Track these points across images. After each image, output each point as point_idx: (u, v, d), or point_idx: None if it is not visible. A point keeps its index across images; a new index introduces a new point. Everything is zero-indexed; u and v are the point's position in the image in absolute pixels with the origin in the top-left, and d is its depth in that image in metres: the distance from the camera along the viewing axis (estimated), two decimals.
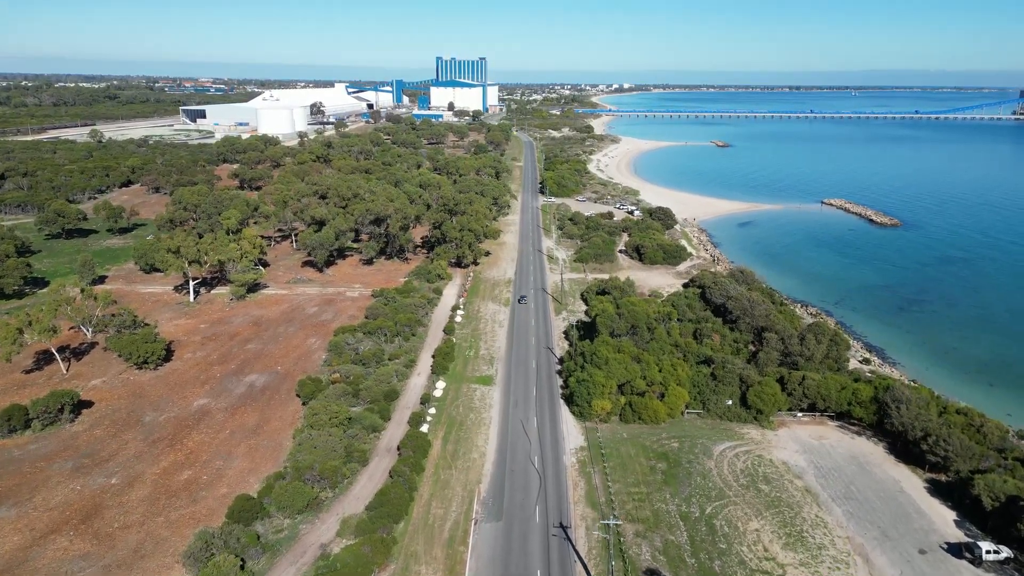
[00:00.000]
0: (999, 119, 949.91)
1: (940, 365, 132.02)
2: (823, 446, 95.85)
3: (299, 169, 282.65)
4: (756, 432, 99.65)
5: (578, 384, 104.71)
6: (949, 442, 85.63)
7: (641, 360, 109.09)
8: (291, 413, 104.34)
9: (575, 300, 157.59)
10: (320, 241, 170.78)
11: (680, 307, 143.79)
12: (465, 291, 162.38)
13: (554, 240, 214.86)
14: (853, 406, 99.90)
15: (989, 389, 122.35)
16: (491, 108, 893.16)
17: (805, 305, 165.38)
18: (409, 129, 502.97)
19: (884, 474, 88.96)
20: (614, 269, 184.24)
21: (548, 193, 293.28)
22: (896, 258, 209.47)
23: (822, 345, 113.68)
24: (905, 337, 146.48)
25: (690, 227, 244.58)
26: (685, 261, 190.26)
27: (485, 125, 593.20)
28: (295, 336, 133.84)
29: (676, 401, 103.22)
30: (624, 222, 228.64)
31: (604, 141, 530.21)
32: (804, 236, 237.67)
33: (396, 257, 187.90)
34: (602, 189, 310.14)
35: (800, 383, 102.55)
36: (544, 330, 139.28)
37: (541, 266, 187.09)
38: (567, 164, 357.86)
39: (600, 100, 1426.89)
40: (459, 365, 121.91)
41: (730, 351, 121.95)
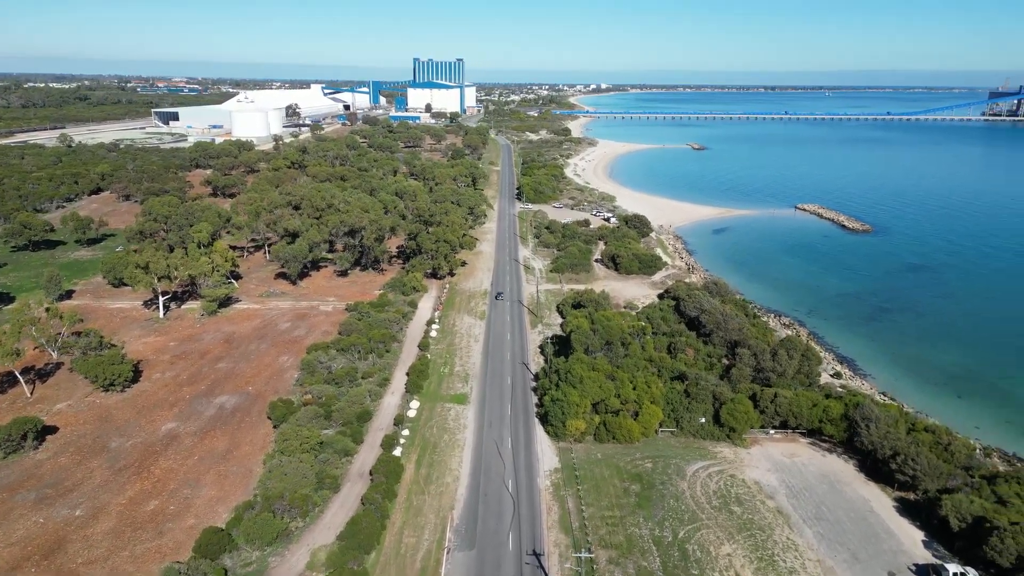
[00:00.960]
0: (969, 120, 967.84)
1: (909, 376, 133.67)
2: (795, 464, 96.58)
3: (273, 176, 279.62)
4: (729, 450, 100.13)
5: (552, 403, 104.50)
6: (917, 461, 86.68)
7: (615, 378, 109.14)
8: (262, 437, 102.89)
9: (551, 312, 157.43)
10: (293, 254, 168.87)
11: (655, 320, 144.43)
12: (440, 304, 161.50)
13: (531, 249, 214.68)
14: (824, 423, 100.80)
15: (957, 401, 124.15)
16: (469, 109, 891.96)
17: (779, 315, 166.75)
18: (386, 132, 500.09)
19: (854, 493, 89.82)
20: (590, 279, 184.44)
21: (525, 199, 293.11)
22: (867, 265, 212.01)
23: (794, 360, 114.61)
24: (875, 347, 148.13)
25: (665, 234, 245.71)
26: (660, 271, 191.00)
27: (462, 127, 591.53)
28: (267, 354, 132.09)
29: (650, 420, 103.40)
30: (600, 230, 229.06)
31: (581, 144, 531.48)
32: (778, 243, 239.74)
33: (371, 268, 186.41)
34: (579, 195, 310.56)
35: (772, 400, 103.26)
36: (520, 344, 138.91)
37: (518, 276, 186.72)
38: (544, 169, 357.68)
39: (577, 101, 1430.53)
40: (434, 383, 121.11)
41: (703, 366, 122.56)
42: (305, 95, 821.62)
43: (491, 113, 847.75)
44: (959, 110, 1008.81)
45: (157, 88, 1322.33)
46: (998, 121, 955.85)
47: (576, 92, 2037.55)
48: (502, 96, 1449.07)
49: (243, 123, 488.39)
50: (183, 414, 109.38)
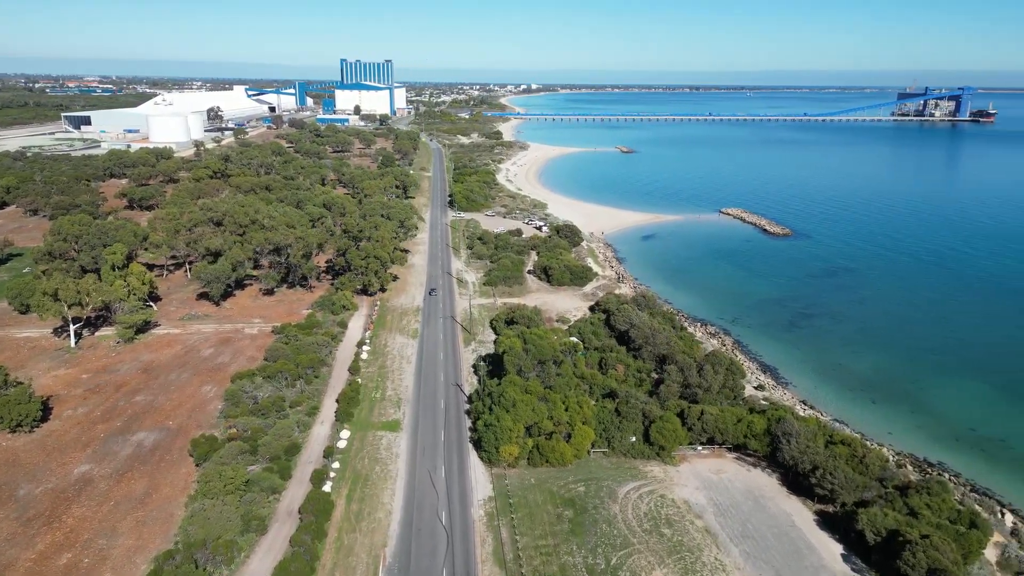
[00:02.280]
0: (879, 120, 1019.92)
1: (828, 384, 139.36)
2: (722, 481, 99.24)
3: (194, 187, 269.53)
4: (659, 469, 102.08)
5: (486, 428, 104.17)
6: (835, 475, 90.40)
7: (548, 399, 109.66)
8: (183, 477, 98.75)
9: (484, 328, 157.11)
10: (216, 274, 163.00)
11: (586, 335, 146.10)
12: (371, 323, 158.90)
13: (463, 261, 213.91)
14: (749, 439, 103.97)
15: (872, 407, 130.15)
16: (399, 111, 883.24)
17: (705, 324, 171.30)
18: (313, 137, 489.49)
19: (777, 508, 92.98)
20: (523, 292, 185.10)
21: (457, 208, 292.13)
22: (788, 270, 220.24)
23: (719, 375, 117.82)
24: (796, 354, 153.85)
25: (596, 242, 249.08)
26: (591, 282, 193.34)
27: (393, 131, 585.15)
28: (189, 384, 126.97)
29: (582, 441, 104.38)
30: (532, 240, 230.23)
31: (513, 148, 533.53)
32: (704, 249, 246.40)
33: (299, 285, 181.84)
34: (511, 202, 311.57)
35: (699, 417, 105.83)
36: (453, 364, 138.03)
37: (451, 290, 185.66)
38: (476, 175, 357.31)
39: (508, 101, 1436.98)
40: (365, 410, 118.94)
41: (633, 382, 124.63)
42: (228, 97, 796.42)
43: (422, 115, 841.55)
44: (870, 111, 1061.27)
45: (68, 89, 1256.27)
46: (906, 121, 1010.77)
47: (507, 92, 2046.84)
48: (433, 96, 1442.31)
49: (161, 128, 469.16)
50: (97, 454, 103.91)
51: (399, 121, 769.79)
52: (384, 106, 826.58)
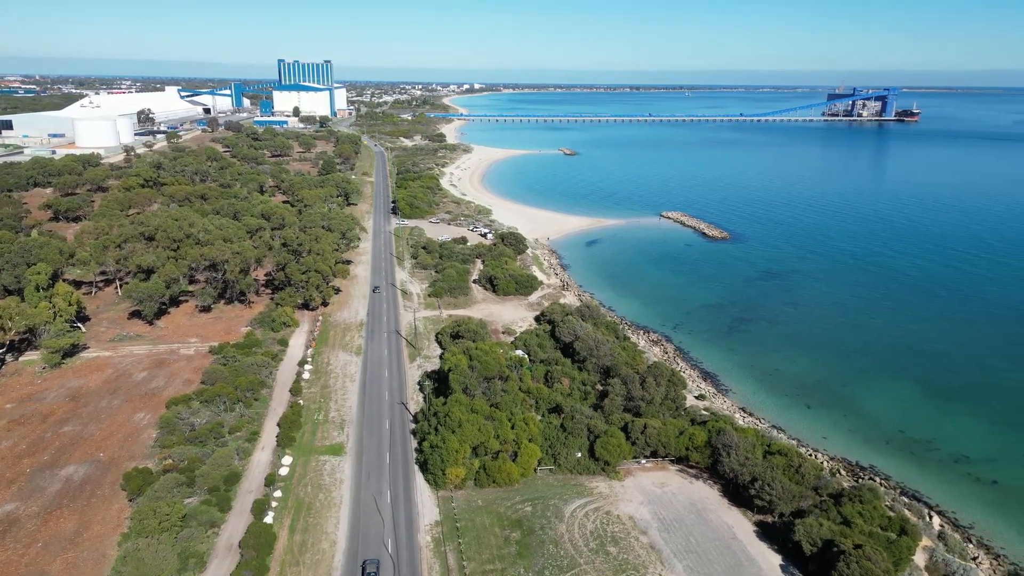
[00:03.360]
0: (811, 120, 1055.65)
1: (766, 390, 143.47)
2: (665, 494, 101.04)
3: (124, 197, 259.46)
4: (604, 485, 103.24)
5: (432, 450, 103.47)
6: (773, 486, 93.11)
7: (494, 418, 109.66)
8: (116, 513, 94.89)
9: (430, 343, 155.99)
10: (148, 292, 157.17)
11: (531, 347, 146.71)
12: (313, 339, 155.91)
13: (408, 271, 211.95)
14: (690, 451, 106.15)
15: (807, 412, 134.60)
16: (340, 112, 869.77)
17: (647, 331, 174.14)
18: (251, 141, 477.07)
19: (719, 520, 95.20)
20: (469, 303, 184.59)
21: (401, 215, 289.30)
22: (726, 274, 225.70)
23: (662, 387, 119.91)
24: (735, 360, 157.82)
25: (541, 249, 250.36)
26: (537, 290, 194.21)
27: (333, 133, 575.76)
28: (120, 411, 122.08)
29: (529, 459, 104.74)
30: (477, 248, 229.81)
31: (456, 151, 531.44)
32: (646, 254, 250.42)
33: (237, 301, 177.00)
34: (456, 208, 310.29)
35: (643, 432, 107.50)
36: (398, 382, 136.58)
37: (395, 303, 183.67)
38: (419, 181, 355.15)
39: (451, 102, 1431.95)
40: (307, 433, 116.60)
41: (579, 396, 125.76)
42: (160, 98, 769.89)
43: (363, 116, 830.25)
44: (802, 111, 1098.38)
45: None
46: (836, 121, 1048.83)
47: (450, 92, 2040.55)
48: (374, 97, 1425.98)
49: (89, 132, 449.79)
50: (23, 492, 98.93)
51: (340, 123, 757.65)
52: (324, 107, 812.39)
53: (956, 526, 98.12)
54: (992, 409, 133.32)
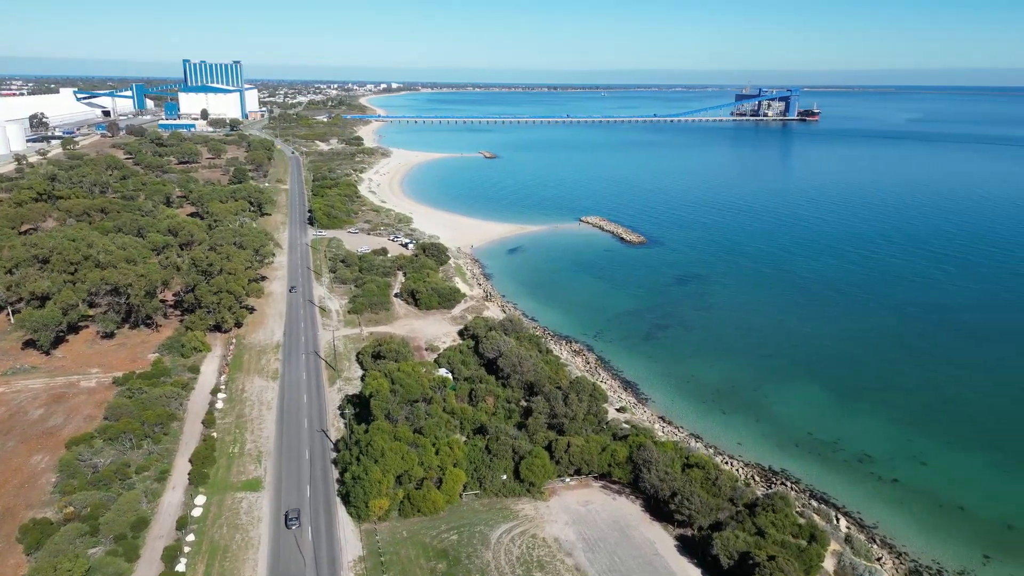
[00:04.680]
0: (721, 120, 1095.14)
1: (683, 397, 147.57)
2: (589, 513, 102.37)
3: (15, 213, 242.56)
4: (530, 506, 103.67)
5: (354, 482, 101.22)
6: (692, 500, 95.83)
7: (418, 444, 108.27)
8: (12, 570, 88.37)
9: (351, 364, 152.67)
10: (43, 321, 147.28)
11: (456, 364, 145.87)
12: (227, 365, 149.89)
13: (326, 286, 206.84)
14: (613, 467, 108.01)
15: (723, 418, 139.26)
16: (251, 115, 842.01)
17: (570, 341, 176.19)
18: (155, 148, 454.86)
19: (641, 536, 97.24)
20: (390, 318, 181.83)
21: (318, 225, 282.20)
22: (643, 279, 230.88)
23: (584, 403, 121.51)
24: (654, 368, 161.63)
25: (463, 258, 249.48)
26: (460, 303, 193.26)
27: (245, 138, 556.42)
28: (15, 454, 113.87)
29: (454, 485, 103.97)
30: (398, 259, 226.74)
31: (375, 155, 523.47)
32: (567, 261, 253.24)
33: (143, 325, 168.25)
34: (375, 217, 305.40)
35: (566, 450, 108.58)
36: (317, 408, 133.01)
37: (313, 321, 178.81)
38: (337, 188, 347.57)
39: (368, 102, 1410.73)
40: (222, 469, 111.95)
41: (503, 414, 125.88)
42: (54, 102, 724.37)
43: (276, 119, 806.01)
44: (712, 111, 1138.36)
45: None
46: (744, 121, 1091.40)
47: (367, 92, 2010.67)
48: (288, 97, 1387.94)
49: None
50: None
51: (251, 125, 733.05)
52: (235, 110, 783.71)
53: (861, 526, 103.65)
54: (891, 407, 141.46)
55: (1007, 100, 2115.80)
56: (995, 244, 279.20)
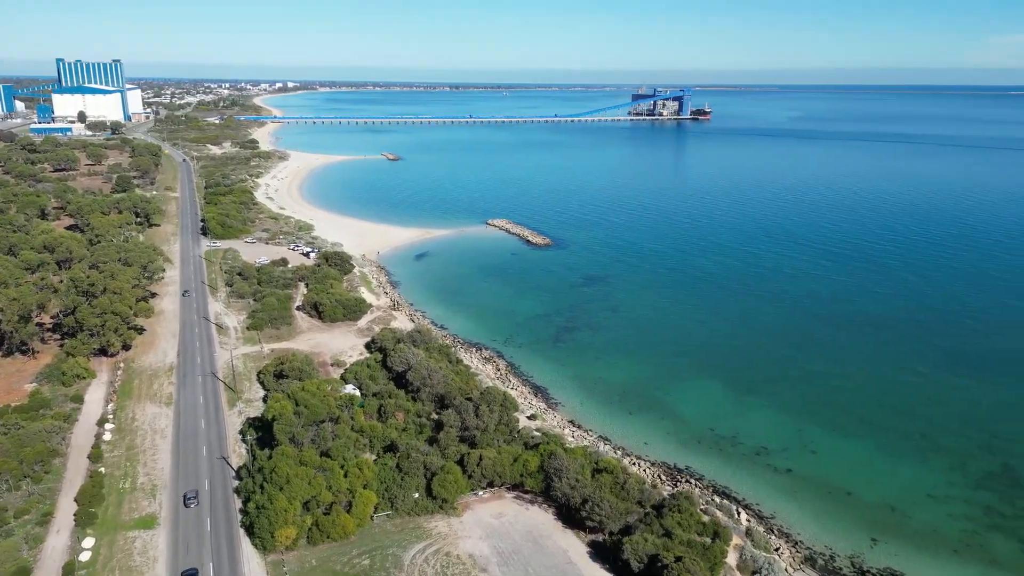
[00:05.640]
0: (619, 120, 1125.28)
1: (592, 399, 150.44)
2: (503, 525, 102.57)
3: None
4: (443, 523, 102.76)
5: (258, 512, 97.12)
6: (601, 506, 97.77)
7: (326, 468, 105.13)
8: None
9: (251, 384, 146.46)
10: None
11: (363, 379, 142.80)
12: (115, 392, 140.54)
13: (223, 301, 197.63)
14: (525, 477, 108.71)
15: (629, 418, 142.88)
16: (135, 117, 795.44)
17: (480, 348, 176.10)
18: (27, 154, 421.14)
19: (555, 545, 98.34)
20: (293, 333, 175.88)
21: (212, 235, 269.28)
22: (550, 282, 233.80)
23: (495, 413, 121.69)
24: (563, 372, 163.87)
25: (369, 266, 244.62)
26: (366, 314, 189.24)
27: (128, 142, 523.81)
28: None
29: (364, 508, 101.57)
30: (300, 270, 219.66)
31: (272, 159, 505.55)
32: (474, 265, 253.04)
33: (18, 352, 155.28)
34: (274, 225, 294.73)
35: (479, 463, 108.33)
36: (216, 433, 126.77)
37: (209, 340, 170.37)
38: (232, 195, 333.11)
39: (263, 102, 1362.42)
40: (112, 507, 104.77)
41: (414, 430, 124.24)
42: None
43: (163, 121, 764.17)
44: (611, 111, 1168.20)
45: None
46: (640, 121, 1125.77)
47: (261, 91, 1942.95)
48: (175, 97, 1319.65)
49: None
50: None
51: (135, 128, 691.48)
52: (116, 112, 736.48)
53: (760, 518, 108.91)
54: (783, 399, 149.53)
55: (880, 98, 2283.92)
56: (863, 237, 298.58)
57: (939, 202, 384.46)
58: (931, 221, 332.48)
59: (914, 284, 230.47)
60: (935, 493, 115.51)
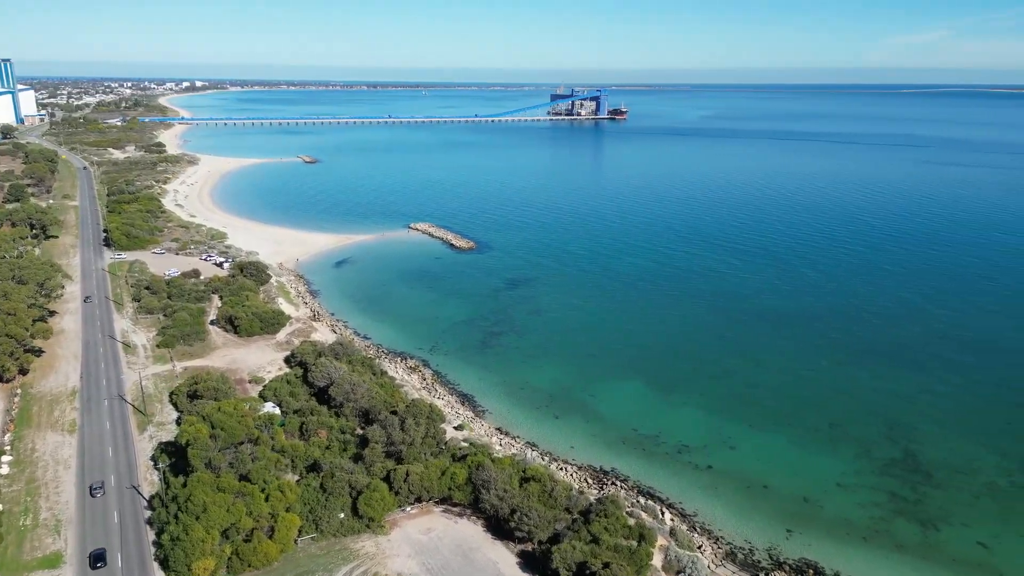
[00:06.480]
0: (539, 120, 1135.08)
1: (519, 405, 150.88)
2: (432, 541, 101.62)
3: None
4: (371, 543, 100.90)
5: (173, 543, 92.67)
6: (530, 516, 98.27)
7: (245, 493, 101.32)
8: None
9: (163, 406, 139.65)
10: None
11: (283, 396, 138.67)
12: (11, 421, 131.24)
13: (129, 318, 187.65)
14: (453, 491, 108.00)
15: (555, 422, 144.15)
16: (28, 120, 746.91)
17: (404, 358, 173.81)
18: None
19: (484, 558, 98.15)
20: (207, 350, 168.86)
21: (116, 247, 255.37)
22: (475, 286, 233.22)
23: (421, 426, 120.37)
24: (489, 378, 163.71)
25: (287, 275, 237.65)
26: (285, 327, 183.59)
27: (21, 147, 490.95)
28: None
29: (288, 532, 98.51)
30: (213, 282, 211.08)
31: (180, 163, 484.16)
32: (397, 271, 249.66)
33: None
34: (184, 234, 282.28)
35: (405, 479, 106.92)
36: (126, 461, 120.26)
37: (116, 360, 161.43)
38: (137, 203, 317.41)
39: (169, 102, 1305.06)
40: (11, 546, 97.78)
41: (338, 447, 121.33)
42: None
43: (60, 124, 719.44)
44: (531, 111, 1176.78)
45: None
46: (560, 121, 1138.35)
47: (167, 91, 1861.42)
48: (73, 98, 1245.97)
49: None
50: None
51: (29, 132, 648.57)
52: (7, 114, 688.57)
53: (683, 516, 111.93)
54: (702, 395, 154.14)
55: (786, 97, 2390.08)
56: (766, 235, 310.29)
57: (835, 198, 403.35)
58: (828, 217, 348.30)
59: (814, 279, 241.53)
60: (844, 482, 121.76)
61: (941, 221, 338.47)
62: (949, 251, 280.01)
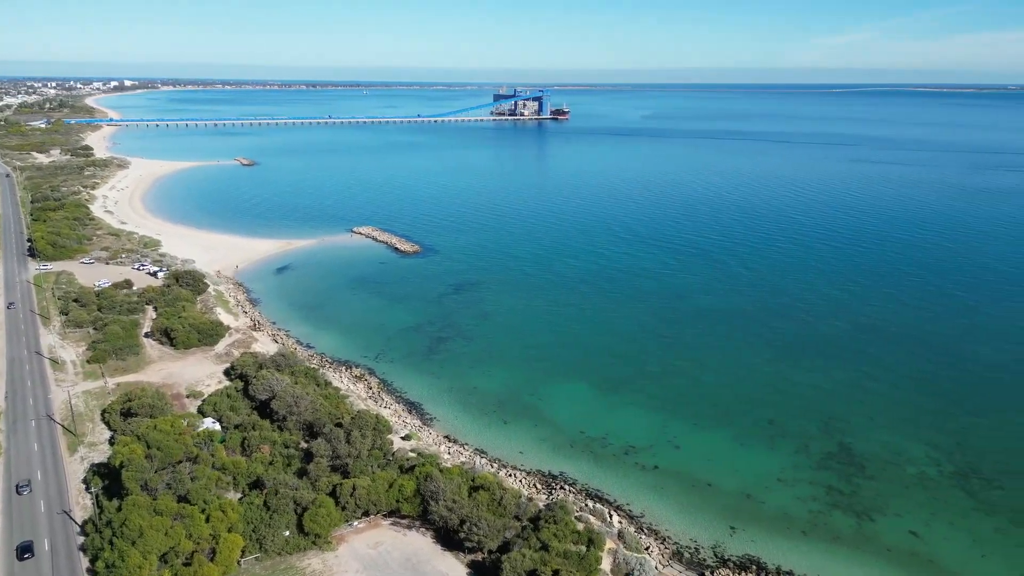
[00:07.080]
0: (482, 120, 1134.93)
1: (467, 411, 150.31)
2: (380, 555, 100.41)
3: None
4: (317, 560, 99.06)
5: (108, 570, 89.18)
6: (479, 526, 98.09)
7: (185, 515, 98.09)
8: None
9: (95, 425, 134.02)
10: None
11: (223, 411, 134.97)
12: None
13: (57, 332, 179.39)
14: (401, 503, 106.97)
15: (504, 427, 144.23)
16: None
17: (350, 367, 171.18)
18: None
19: (434, 570, 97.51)
20: (142, 364, 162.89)
21: (41, 257, 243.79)
22: (421, 291, 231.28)
23: (367, 439, 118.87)
24: (437, 385, 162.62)
25: (225, 283, 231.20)
26: (224, 338, 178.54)
27: None
28: None
29: (230, 553, 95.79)
30: (147, 292, 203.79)
31: (110, 167, 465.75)
32: (340, 277, 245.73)
33: None
34: (115, 242, 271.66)
35: (352, 493, 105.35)
36: (56, 484, 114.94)
37: (43, 378, 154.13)
38: (64, 210, 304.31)
39: (97, 103, 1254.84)
40: None
41: (282, 463, 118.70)
42: None
43: None
44: (474, 112, 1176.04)
45: None
46: (503, 121, 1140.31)
47: (94, 91, 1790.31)
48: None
49: None
50: None
51: None
52: None
53: (631, 518, 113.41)
54: (647, 395, 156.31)
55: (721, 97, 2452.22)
56: (700, 233, 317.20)
57: (766, 196, 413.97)
58: (759, 215, 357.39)
59: (747, 278, 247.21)
60: (784, 477, 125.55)
61: (867, 218, 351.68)
62: (874, 248, 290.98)
